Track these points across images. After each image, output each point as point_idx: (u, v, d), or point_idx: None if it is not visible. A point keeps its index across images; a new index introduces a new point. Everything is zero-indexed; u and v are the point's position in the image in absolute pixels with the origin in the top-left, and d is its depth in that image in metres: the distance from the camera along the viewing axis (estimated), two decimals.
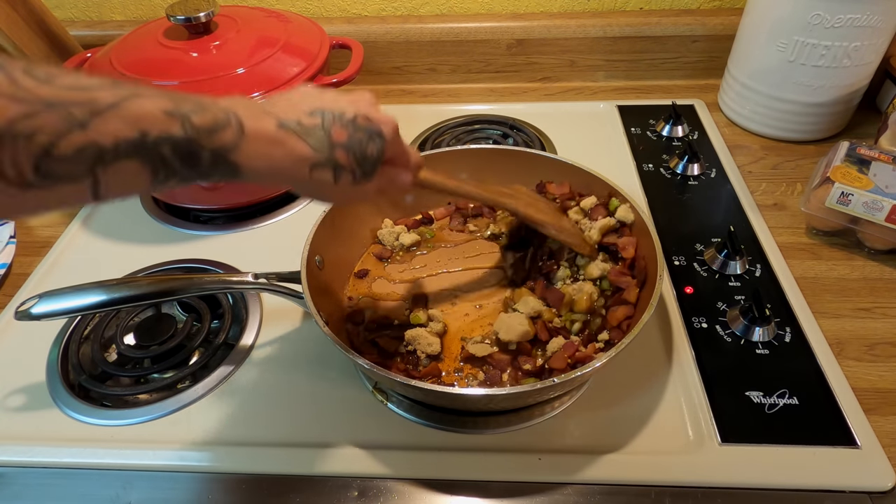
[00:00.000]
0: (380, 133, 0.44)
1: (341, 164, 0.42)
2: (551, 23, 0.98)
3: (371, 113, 0.44)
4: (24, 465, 0.55)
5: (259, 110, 0.39)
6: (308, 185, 0.42)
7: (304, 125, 0.40)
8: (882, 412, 0.54)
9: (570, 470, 0.51)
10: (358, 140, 0.43)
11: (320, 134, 0.41)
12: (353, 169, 0.43)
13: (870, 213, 0.65)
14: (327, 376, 0.59)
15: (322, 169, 0.41)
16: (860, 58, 0.78)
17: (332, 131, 0.41)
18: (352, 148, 0.42)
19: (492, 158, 0.72)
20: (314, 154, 0.40)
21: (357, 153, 0.43)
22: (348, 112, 0.43)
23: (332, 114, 0.42)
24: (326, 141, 0.41)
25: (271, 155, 0.39)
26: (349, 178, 0.43)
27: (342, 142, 0.42)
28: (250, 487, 0.52)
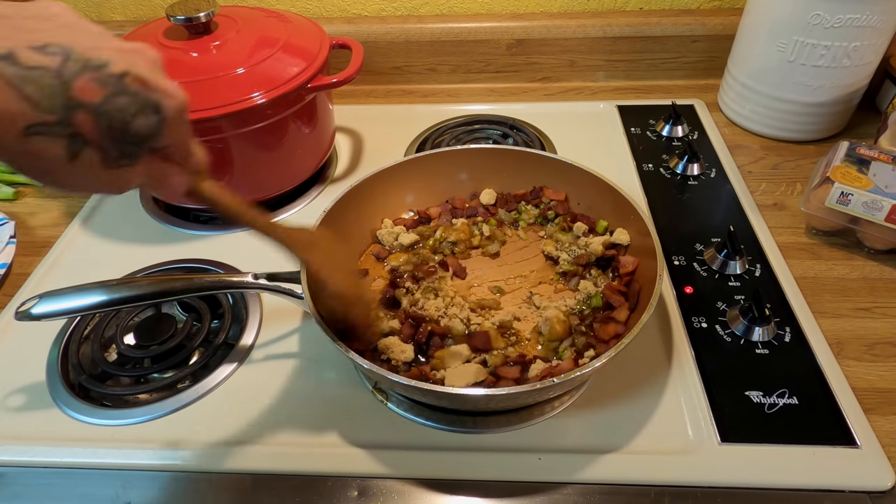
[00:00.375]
0: (156, 106, 0.32)
1: (83, 134, 0.30)
2: (551, 23, 0.98)
3: (150, 76, 0.32)
4: (24, 465, 0.55)
5: None
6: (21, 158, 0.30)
7: (23, 63, 0.27)
8: (882, 412, 0.54)
9: (569, 470, 0.51)
10: (119, 107, 0.30)
11: (50, 82, 0.28)
12: (103, 144, 0.31)
13: (869, 212, 0.65)
14: (327, 376, 0.59)
15: (47, 136, 0.29)
16: (860, 58, 0.78)
17: (76, 84, 0.29)
18: (106, 115, 0.30)
19: (492, 158, 0.73)
20: (30, 110, 0.28)
21: (114, 124, 0.30)
22: (115, 64, 0.30)
23: (84, 60, 0.29)
24: (61, 95, 0.28)
25: None
26: (97, 158, 0.31)
27: (91, 102, 0.29)
28: (250, 487, 0.52)
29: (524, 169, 0.72)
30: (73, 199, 0.85)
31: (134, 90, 0.31)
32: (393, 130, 0.93)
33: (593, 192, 0.68)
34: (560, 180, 0.71)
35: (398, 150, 0.89)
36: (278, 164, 0.77)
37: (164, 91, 0.33)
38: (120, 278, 0.66)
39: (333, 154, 0.90)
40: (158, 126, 0.33)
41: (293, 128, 0.75)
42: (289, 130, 0.75)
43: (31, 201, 0.86)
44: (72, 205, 0.84)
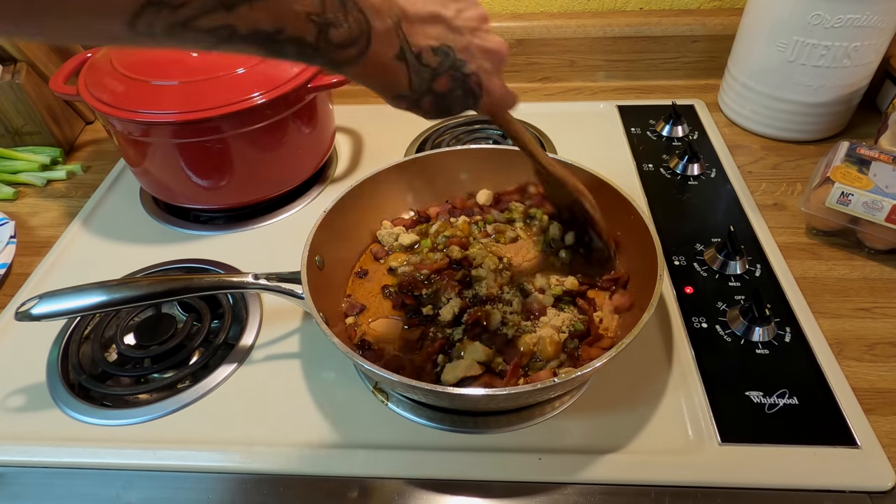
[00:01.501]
0: (477, 99, 0.43)
1: (423, 106, 0.42)
2: (551, 23, 0.98)
3: (487, 79, 0.43)
4: (24, 465, 0.55)
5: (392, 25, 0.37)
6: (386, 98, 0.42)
7: (422, 61, 0.39)
8: (882, 412, 0.54)
9: (570, 470, 0.51)
10: (453, 97, 0.42)
11: (427, 76, 0.40)
12: (429, 112, 0.43)
13: (870, 213, 0.65)
14: (327, 376, 0.59)
15: (404, 101, 0.41)
16: (860, 58, 0.78)
17: (440, 79, 0.41)
18: (442, 100, 0.42)
19: (492, 158, 0.73)
20: (408, 91, 0.40)
21: (444, 104, 0.42)
22: (470, 65, 0.42)
23: (455, 60, 0.41)
24: (428, 84, 0.40)
25: (375, 76, 0.38)
26: (419, 113, 0.43)
27: (439, 91, 0.41)
28: (250, 487, 0.52)
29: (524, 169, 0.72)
30: (74, 200, 0.85)
31: (471, 87, 0.43)
32: (393, 130, 0.93)
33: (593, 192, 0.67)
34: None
35: (398, 151, 0.89)
36: (278, 165, 0.77)
37: (491, 89, 0.44)
38: (120, 278, 0.66)
39: (333, 154, 0.90)
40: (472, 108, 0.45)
41: (293, 128, 0.75)
42: (289, 130, 0.75)
43: (32, 201, 0.86)
44: (72, 205, 0.84)
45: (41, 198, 0.86)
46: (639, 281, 0.61)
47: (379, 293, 0.65)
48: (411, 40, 0.38)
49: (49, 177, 0.88)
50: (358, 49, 0.36)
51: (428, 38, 0.40)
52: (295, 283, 0.56)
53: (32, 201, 0.86)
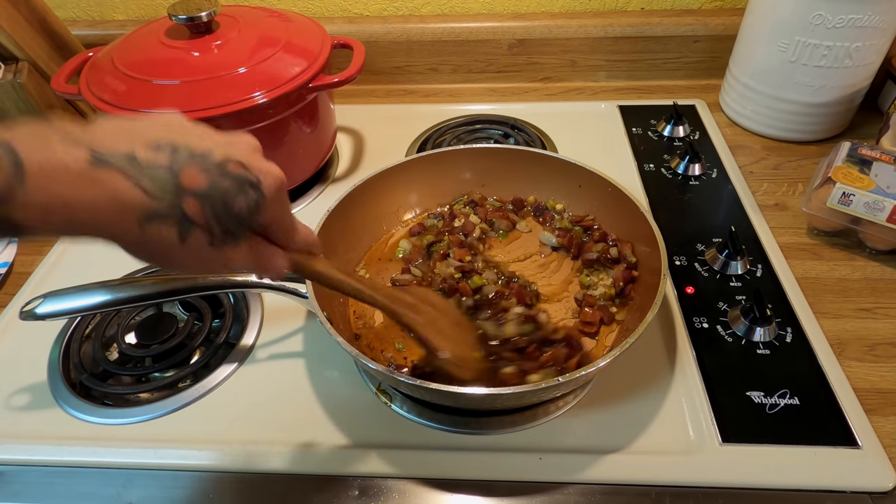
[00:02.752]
0: (255, 184, 0.34)
1: (191, 217, 0.32)
2: (552, 23, 0.98)
3: (249, 160, 0.35)
4: (25, 464, 0.55)
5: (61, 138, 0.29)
6: (139, 245, 0.32)
7: (139, 160, 0.31)
8: (883, 412, 0.54)
9: (571, 470, 0.51)
10: (223, 189, 0.33)
11: (163, 175, 0.31)
12: (209, 226, 0.33)
13: (871, 213, 0.65)
14: (329, 376, 0.59)
15: (161, 222, 0.31)
16: (862, 58, 0.78)
17: (184, 174, 0.32)
18: (211, 197, 0.32)
19: (496, 158, 0.73)
20: (147, 200, 0.31)
21: (218, 206, 0.33)
22: (215, 153, 0.33)
23: (190, 151, 0.32)
24: (171, 184, 0.31)
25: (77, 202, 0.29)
26: (204, 239, 0.33)
27: (198, 189, 0.32)
28: (251, 486, 0.52)
29: (527, 169, 0.72)
30: None
31: (234, 173, 0.34)
32: (394, 130, 0.93)
33: (596, 192, 0.68)
34: (563, 180, 0.71)
35: (399, 150, 0.89)
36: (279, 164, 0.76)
37: (262, 171, 0.35)
38: (123, 278, 0.66)
39: (334, 154, 0.90)
40: (259, 202, 0.35)
41: (294, 127, 0.75)
42: (290, 130, 0.75)
43: None
44: None
45: None
46: (642, 281, 0.61)
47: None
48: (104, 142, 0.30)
49: None
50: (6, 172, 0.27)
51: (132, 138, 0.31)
52: (299, 282, 0.56)
53: None
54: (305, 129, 0.77)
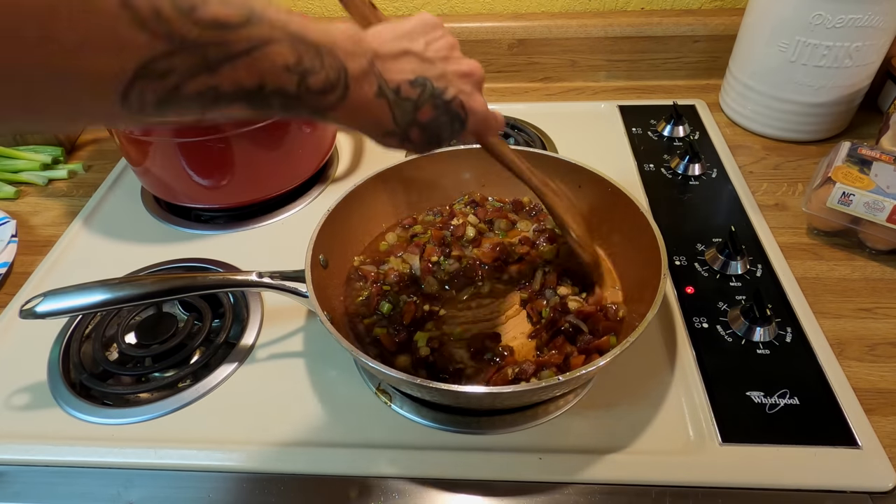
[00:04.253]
0: (463, 122, 0.45)
1: (412, 139, 0.43)
2: (552, 23, 0.98)
3: (468, 100, 0.45)
4: (25, 464, 0.55)
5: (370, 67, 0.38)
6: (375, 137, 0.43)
7: (401, 95, 0.40)
8: (883, 412, 0.54)
9: (570, 470, 0.51)
10: (439, 124, 0.43)
11: (409, 108, 0.41)
12: (419, 145, 0.44)
13: (871, 213, 0.65)
14: (328, 376, 0.59)
15: (393, 137, 0.42)
16: (861, 58, 0.78)
17: (422, 109, 0.42)
18: (429, 129, 0.43)
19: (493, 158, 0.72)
20: (393, 126, 0.41)
21: (431, 135, 0.43)
22: (449, 91, 0.43)
23: (433, 89, 0.42)
24: (411, 116, 0.41)
25: (359, 118, 0.39)
26: (411, 148, 0.44)
27: (424, 121, 0.42)
28: (251, 486, 0.52)
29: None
30: (75, 199, 0.85)
31: (454, 111, 0.44)
32: None
33: (596, 192, 0.67)
34: (563, 180, 0.71)
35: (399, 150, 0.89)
36: (279, 164, 0.77)
37: (472, 109, 0.46)
38: (122, 277, 0.66)
39: (335, 154, 0.90)
40: (459, 133, 0.46)
41: (294, 127, 0.75)
42: (290, 130, 0.75)
43: (33, 200, 0.86)
44: (73, 204, 0.84)
45: (42, 197, 0.86)
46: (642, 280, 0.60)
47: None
48: (387, 77, 0.39)
49: (50, 176, 0.88)
50: (338, 94, 0.36)
51: (403, 73, 0.41)
52: (299, 281, 0.56)
53: (34, 200, 0.86)
54: (305, 128, 0.77)
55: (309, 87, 0.34)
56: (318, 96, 0.35)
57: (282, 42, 0.32)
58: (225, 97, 0.31)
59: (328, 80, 0.35)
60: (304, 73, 0.34)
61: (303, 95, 0.34)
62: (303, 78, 0.34)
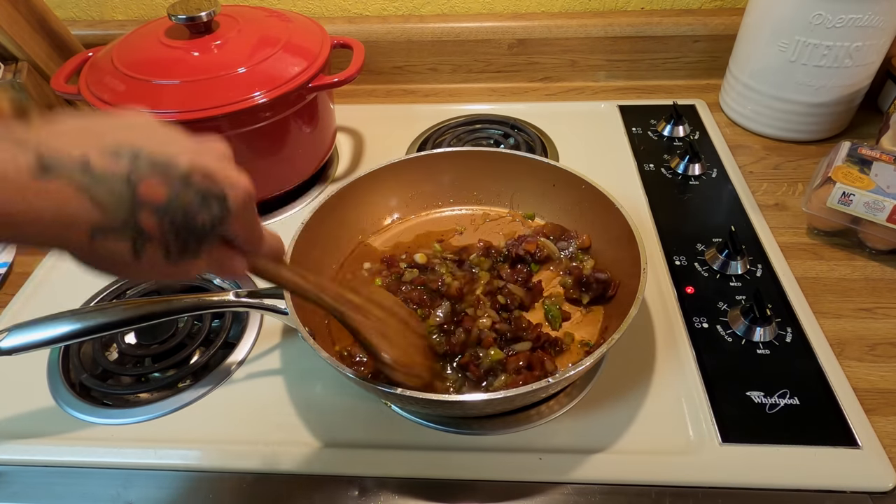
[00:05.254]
0: (222, 198, 0.32)
1: (147, 232, 0.30)
2: (552, 22, 0.98)
3: (216, 169, 0.32)
4: (24, 464, 0.55)
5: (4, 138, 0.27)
6: (89, 257, 0.30)
7: (93, 169, 0.28)
8: (883, 412, 0.54)
9: (570, 470, 0.51)
10: (184, 203, 0.31)
11: (118, 186, 0.29)
12: (166, 241, 0.31)
13: (871, 213, 0.65)
14: (327, 377, 0.59)
15: (112, 237, 0.29)
16: (862, 58, 0.78)
17: (143, 185, 0.29)
18: (170, 212, 0.30)
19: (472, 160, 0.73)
20: (99, 215, 0.28)
21: (178, 221, 0.31)
22: (180, 162, 0.31)
23: (152, 159, 0.30)
24: (127, 198, 0.29)
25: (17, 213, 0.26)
26: (159, 254, 0.31)
27: (156, 202, 0.30)
28: (251, 487, 0.52)
29: (503, 169, 0.72)
30: None
31: (199, 185, 0.31)
32: (394, 130, 0.93)
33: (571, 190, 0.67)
34: (536, 180, 0.71)
35: (399, 150, 0.89)
36: (279, 164, 0.77)
37: (230, 183, 0.33)
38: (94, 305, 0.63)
39: (334, 154, 0.90)
40: (223, 217, 0.33)
41: (294, 127, 0.75)
42: (290, 130, 0.75)
43: None
44: None
45: None
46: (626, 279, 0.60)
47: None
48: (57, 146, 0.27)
49: None
50: None
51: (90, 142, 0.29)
52: (277, 298, 0.55)
53: None
54: (305, 129, 0.77)
55: None
56: None
57: None
58: None
59: None
60: None
61: None
62: None
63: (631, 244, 0.58)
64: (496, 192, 0.74)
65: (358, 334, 0.48)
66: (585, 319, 0.62)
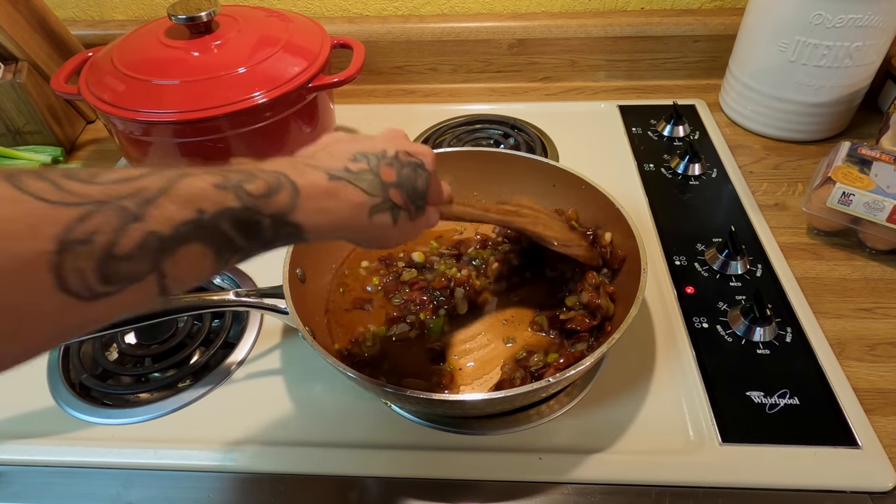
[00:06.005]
0: (422, 165, 0.45)
1: (397, 203, 0.42)
2: (552, 22, 0.98)
3: (409, 147, 0.45)
4: (24, 464, 0.55)
5: (304, 166, 0.38)
6: (368, 232, 0.41)
7: (353, 171, 0.40)
8: (883, 412, 0.54)
9: (570, 470, 0.51)
10: (407, 176, 0.43)
11: (370, 177, 0.40)
12: (408, 206, 0.43)
13: (871, 213, 0.65)
14: (328, 376, 0.59)
15: (381, 212, 0.41)
16: (861, 58, 0.78)
17: (381, 172, 0.41)
18: (404, 185, 0.42)
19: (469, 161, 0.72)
20: (370, 198, 0.40)
21: (409, 190, 0.43)
22: (389, 150, 0.43)
23: (375, 155, 0.42)
24: (378, 183, 0.41)
25: (330, 208, 0.38)
26: (406, 217, 0.43)
27: (393, 181, 0.42)
28: (251, 487, 0.52)
29: (503, 170, 0.72)
30: None
31: (407, 161, 0.43)
32: None
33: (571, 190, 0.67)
34: (537, 180, 0.71)
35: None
36: None
37: (420, 152, 0.45)
38: None
39: None
40: (428, 178, 0.45)
41: (294, 127, 0.75)
42: (290, 130, 0.75)
43: None
44: None
45: None
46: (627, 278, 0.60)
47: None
48: (327, 165, 0.39)
49: None
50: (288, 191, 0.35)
51: (338, 157, 0.41)
52: (277, 297, 0.55)
53: None
54: (305, 129, 0.77)
55: (250, 193, 0.33)
56: (267, 200, 0.33)
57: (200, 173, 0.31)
58: (170, 240, 0.29)
59: (268, 184, 0.34)
60: (238, 185, 0.32)
61: (251, 205, 0.32)
62: (239, 189, 0.32)
63: (631, 244, 0.58)
64: (496, 193, 0.74)
65: (525, 231, 0.59)
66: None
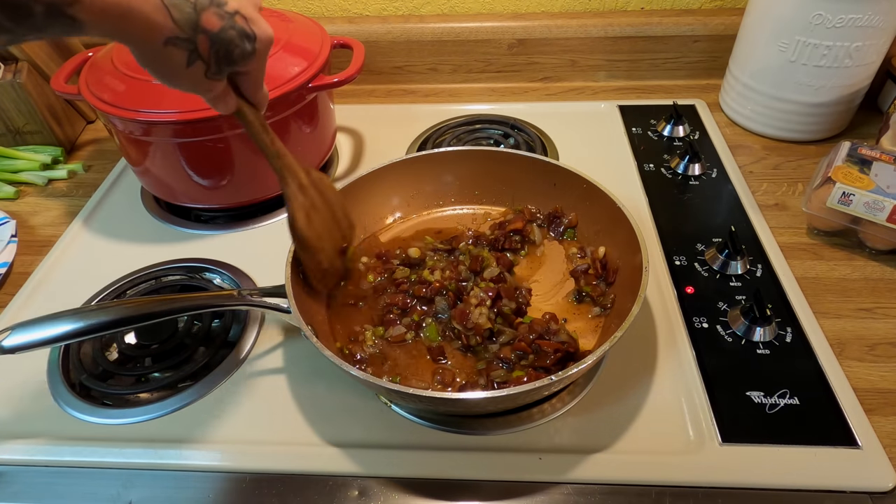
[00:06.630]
0: (252, 38, 0.42)
1: (200, 51, 0.40)
2: (552, 23, 0.98)
3: (253, 15, 0.42)
4: (25, 464, 0.55)
5: None
6: (154, 57, 0.39)
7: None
8: (883, 412, 0.54)
9: (570, 470, 0.51)
10: (228, 37, 0.41)
11: (189, 11, 0.38)
12: (209, 62, 0.41)
13: (871, 213, 0.65)
14: (328, 376, 0.59)
15: (177, 48, 0.39)
16: (861, 58, 0.78)
17: (204, 16, 0.39)
18: (218, 41, 0.40)
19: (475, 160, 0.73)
20: (174, 28, 0.38)
21: (221, 48, 0.41)
22: (230, 4, 0.41)
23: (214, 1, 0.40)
24: (193, 21, 0.39)
25: (123, 15, 0.35)
26: (201, 69, 0.41)
27: (211, 30, 0.40)
28: (251, 486, 0.52)
29: (504, 169, 0.72)
30: (75, 199, 0.85)
31: (240, 25, 0.41)
32: (394, 130, 0.93)
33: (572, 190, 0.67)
34: (538, 180, 0.71)
35: (399, 150, 0.89)
36: None
37: (260, 29, 0.43)
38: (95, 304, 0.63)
39: (334, 154, 0.90)
40: (250, 54, 0.43)
41: (294, 127, 0.75)
42: (290, 130, 0.75)
43: (33, 200, 0.86)
44: (73, 204, 0.84)
45: (42, 197, 0.86)
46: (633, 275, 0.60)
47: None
48: None
49: (50, 176, 0.88)
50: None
51: None
52: (280, 296, 0.56)
53: (33, 200, 0.86)
54: (305, 128, 0.77)
55: None
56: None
57: None
58: None
59: None
60: None
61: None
62: None
63: (632, 244, 0.58)
64: (497, 192, 0.74)
65: (287, 201, 0.56)
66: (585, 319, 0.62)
